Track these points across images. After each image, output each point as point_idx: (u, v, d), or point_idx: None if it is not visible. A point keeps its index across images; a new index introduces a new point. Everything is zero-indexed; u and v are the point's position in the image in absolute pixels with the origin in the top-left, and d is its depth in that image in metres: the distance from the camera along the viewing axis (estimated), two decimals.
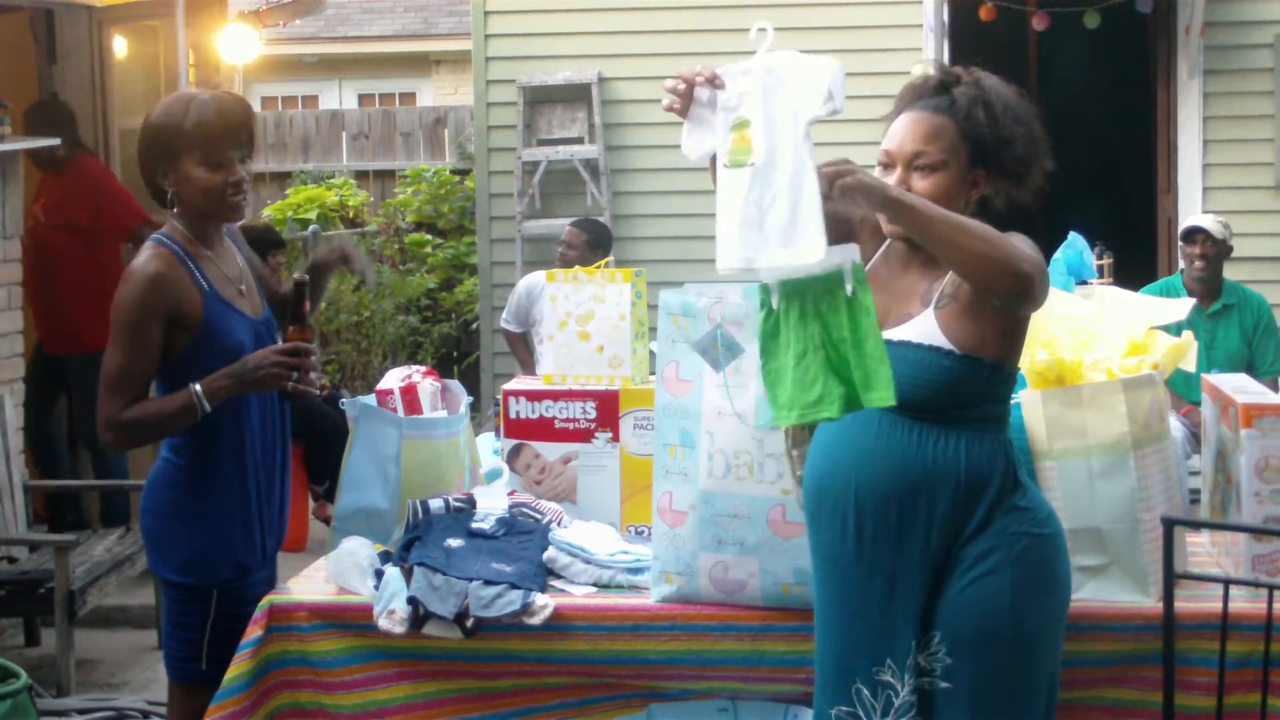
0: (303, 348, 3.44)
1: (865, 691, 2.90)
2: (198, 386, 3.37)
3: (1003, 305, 2.85)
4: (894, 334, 2.91)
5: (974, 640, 2.86)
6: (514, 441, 3.87)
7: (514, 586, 3.33)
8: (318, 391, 3.49)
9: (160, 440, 3.51)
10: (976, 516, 2.89)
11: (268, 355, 3.41)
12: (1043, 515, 2.94)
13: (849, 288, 2.72)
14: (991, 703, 2.86)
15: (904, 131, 2.97)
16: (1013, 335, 2.94)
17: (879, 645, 2.90)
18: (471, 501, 3.69)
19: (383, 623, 3.30)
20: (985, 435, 2.92)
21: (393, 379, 3.98)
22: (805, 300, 2.75)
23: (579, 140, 8.98)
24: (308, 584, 3.55)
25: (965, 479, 2.88)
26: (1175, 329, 3.69)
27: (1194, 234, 7.04)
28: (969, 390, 2.90)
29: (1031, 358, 3.37)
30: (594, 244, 7.44)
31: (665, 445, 3.37)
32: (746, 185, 2.71)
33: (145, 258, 3.43)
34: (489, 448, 4.38)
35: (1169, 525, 3.11)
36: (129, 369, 3.38)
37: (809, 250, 2.66)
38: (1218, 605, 3.06)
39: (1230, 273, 7.20)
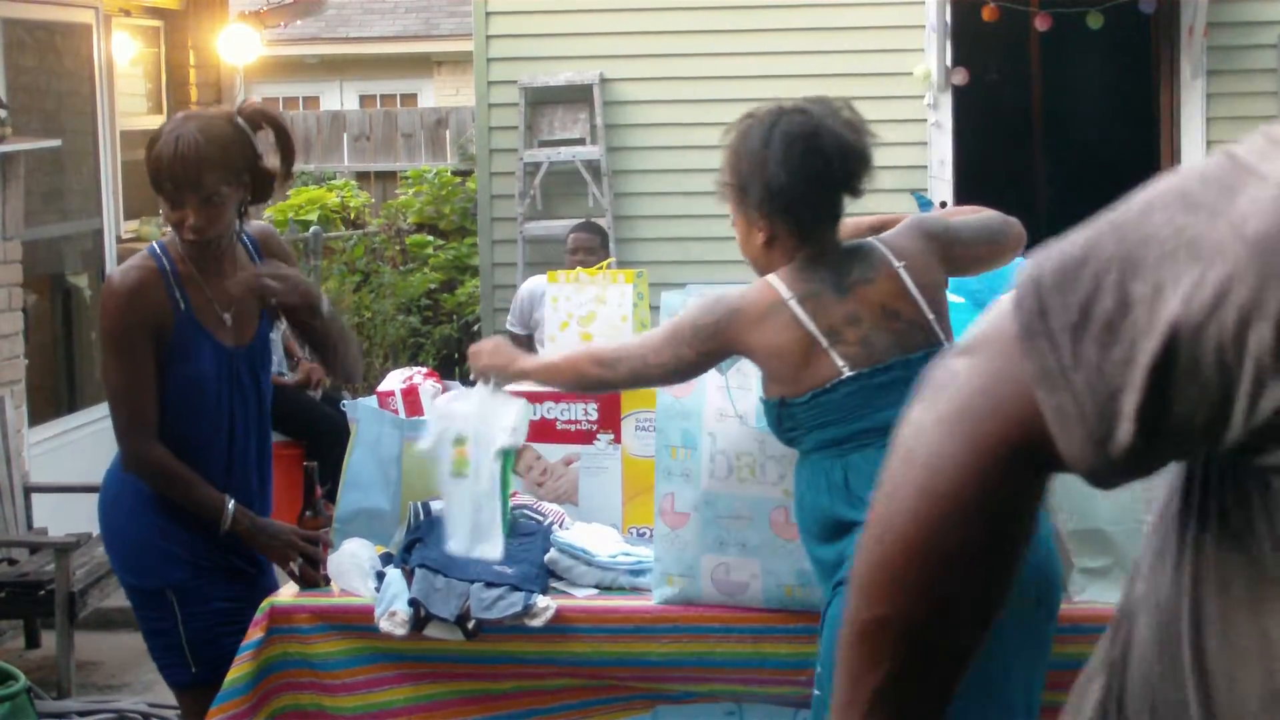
0: (320, 538, 3.55)
1: None
2: (232, 505, 3.48)
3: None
4: None
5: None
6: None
7: (515, 588, 3.32)
8: (323, 584, 3.53)
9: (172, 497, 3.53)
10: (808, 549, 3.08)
11: (292, 536, 3.52)
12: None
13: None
14: None
15: None
16: (774, 378, 3.02)
17: None
18: None
19: (384, 624, 3.30)
20: (808, 462, 3.02)
21: (394, 380, 3.98)
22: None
23: (581, 141, 8.96)
24: None
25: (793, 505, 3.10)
26: None
27: None
28: (781, 427, 3.05)
29: None
30: (604, 245, 7.46)
31: (667, 447, 3.36)
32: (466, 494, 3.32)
33: (125, 268, 3.49)
34: None
35: None
36: (132, 385, 3.43)
37: (493, 549, 3.32)
38: None
39: None
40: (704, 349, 3.01)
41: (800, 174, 2.98)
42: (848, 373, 2.94)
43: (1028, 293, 1.20)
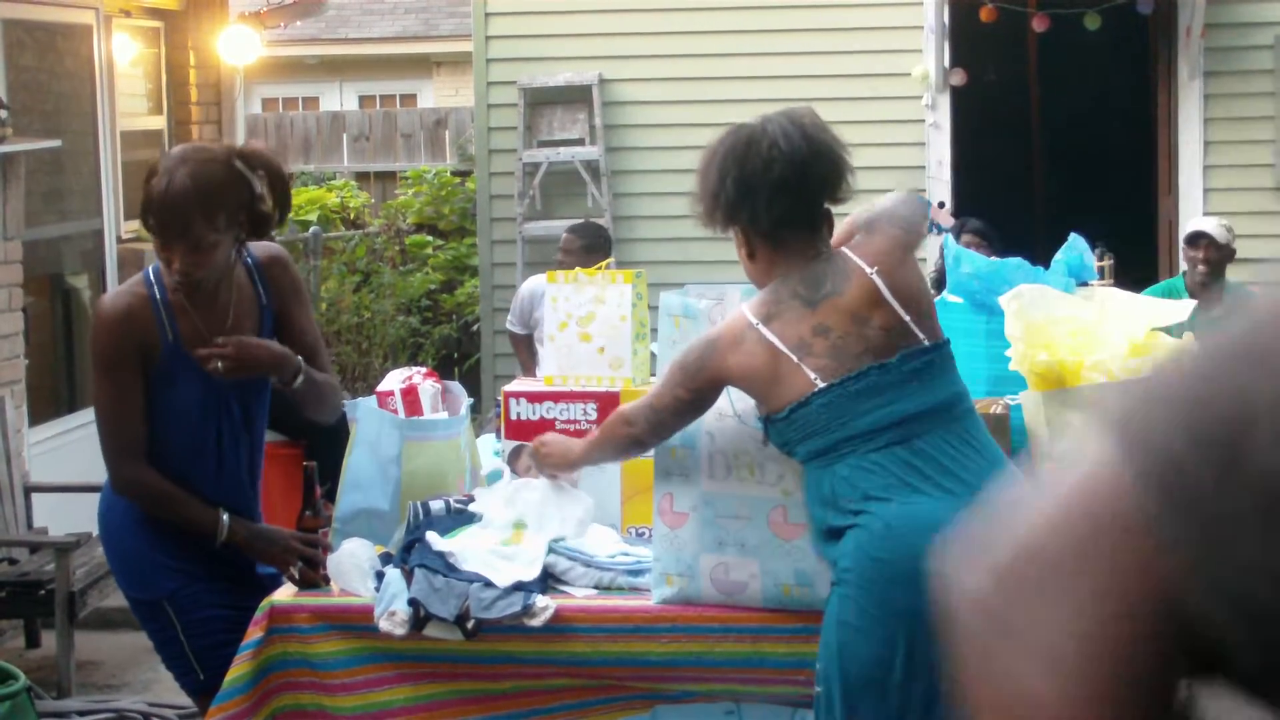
0: (319, 539, 3.53)
1: None
2: (226, 517, 3.47)
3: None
4: None
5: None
6: (515, 443, 3.86)
7: (515, 588, 3.33)
8: (322, 584, 3.53)
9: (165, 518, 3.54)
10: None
11: (289, 540, 3.50)
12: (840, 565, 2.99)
13: None
14: None
15: None
16: (756, 398, 3.11)
17: None
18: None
19: (384, 624, 3.30)
20: (805, 472, 3.08)
21: (393, 380, 3.98)
22: None
23: (580, 142, 8.97)
24: None
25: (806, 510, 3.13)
26: (1176, 331, 3.69)
27: (1198, 238, 7.02)
28: (775, 442, 3.12)
29: (1032, 359, 3.36)
30: (589, 249, 7.41)
31: (666, 446, 3.36)
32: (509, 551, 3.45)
33: (116, 292, 3.50)
34: (490, 449, 4.38)
35: None
36: (118, 409, 3.45)
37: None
38: None
39: (1231, 274, 7.20)
40: (694, 386, 3.11)
41: (740, 180, 3.07)
42: (820, 384, 2.99)
43: (1155, 464, 0.83)
